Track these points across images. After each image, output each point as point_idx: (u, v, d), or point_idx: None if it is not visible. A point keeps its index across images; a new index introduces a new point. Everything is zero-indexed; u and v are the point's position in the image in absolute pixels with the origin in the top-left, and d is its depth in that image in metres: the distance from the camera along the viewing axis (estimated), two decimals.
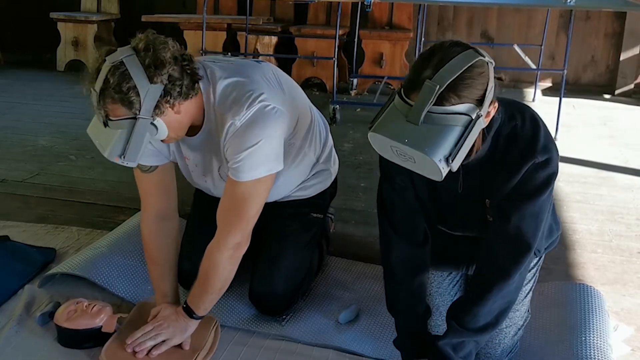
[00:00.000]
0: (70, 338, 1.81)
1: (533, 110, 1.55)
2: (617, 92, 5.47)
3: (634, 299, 2.19)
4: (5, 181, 3.17)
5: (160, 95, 1.58)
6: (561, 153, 1.59)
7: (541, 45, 5.14)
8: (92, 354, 1.77)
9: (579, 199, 3.10)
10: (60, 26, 5.91)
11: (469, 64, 1.32)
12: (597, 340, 1.79)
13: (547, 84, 5.60)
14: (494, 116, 1.42)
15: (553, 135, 3.90)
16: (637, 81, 5.46)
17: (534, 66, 4.83)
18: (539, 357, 1.80)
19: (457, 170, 1.36)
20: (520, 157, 1.48)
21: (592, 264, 2.43)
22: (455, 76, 1.30)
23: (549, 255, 1.91)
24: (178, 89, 1.61)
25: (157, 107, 1.59)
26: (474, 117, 1.32)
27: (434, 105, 1.29)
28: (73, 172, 3.36)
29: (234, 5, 5.83)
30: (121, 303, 2.03)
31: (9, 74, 5.83)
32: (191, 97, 1.66)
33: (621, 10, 4.84)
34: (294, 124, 1.87)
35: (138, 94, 1.55)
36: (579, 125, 4.48)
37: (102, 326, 1.81)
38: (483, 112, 1.34)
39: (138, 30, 1.64)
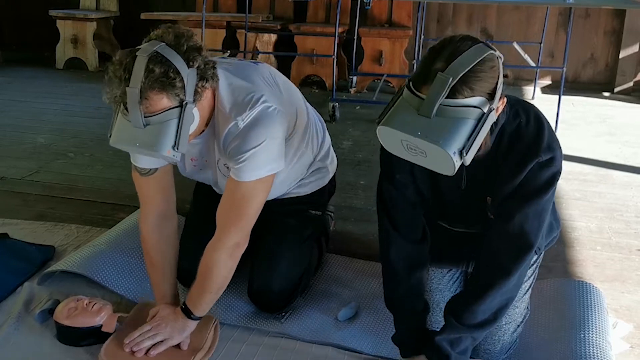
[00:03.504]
0: (69, 335, 1.81)
1: (537, 109, 1.54)
2: (616, 89, 5.47)
3: (633, 296, 2.19)
4: (4, 179, 3.17)
5: (197, 80, 1.58)
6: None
7: (540, 43, 5.14)
8: (91, 351, 1.77)
9: (578, 196, 3.10)
10: (60, 24, 5.90)
11: (481, 57, 1.32)
12: (596, 338, 1.79)
13: (547, 81, 5.60)
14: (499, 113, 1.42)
15: None
16: (636, 79, 5.45)
17: (533, 64, 4.84)
18: (538, 354, 1.80)
19: (460, 166, 1.34)
20: (524, 155, 1.47)
21: (591, 261, 2.43)
22: (467, 69, 1.29)
23: (548, 252, 1.91)
24: (210, 72, 1.61)
25: (196, 92, 1.58)
26: (485, 111, 1.31)
27: (446, 98, 1.28)
28: (72, 169, 3.35)
29: (233, 3, 5.82)
30: (121, 300, 2.03)
31: (8, 71, 5.82)
32: (216, 82, 1.67)
33: (620, 7, 4.83)
34: (292, 124, 1.87)
35: (182, 79, 1.54)
36: (578, 123, 4.48)
37: (102, 325, 1.81)
38: (494, 106, 1.33)
39: (151, 29, 1.62)
